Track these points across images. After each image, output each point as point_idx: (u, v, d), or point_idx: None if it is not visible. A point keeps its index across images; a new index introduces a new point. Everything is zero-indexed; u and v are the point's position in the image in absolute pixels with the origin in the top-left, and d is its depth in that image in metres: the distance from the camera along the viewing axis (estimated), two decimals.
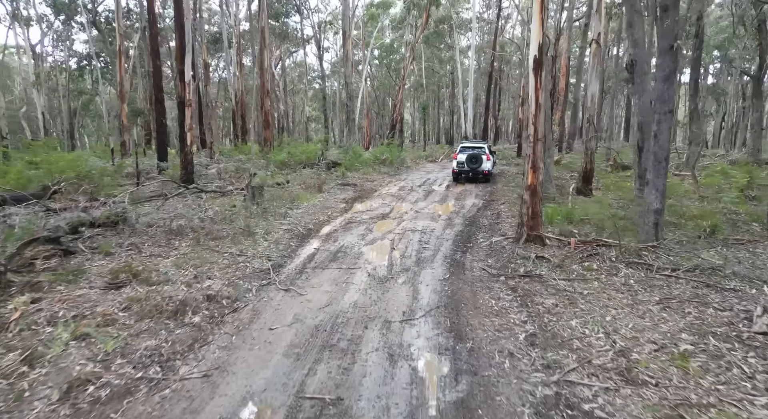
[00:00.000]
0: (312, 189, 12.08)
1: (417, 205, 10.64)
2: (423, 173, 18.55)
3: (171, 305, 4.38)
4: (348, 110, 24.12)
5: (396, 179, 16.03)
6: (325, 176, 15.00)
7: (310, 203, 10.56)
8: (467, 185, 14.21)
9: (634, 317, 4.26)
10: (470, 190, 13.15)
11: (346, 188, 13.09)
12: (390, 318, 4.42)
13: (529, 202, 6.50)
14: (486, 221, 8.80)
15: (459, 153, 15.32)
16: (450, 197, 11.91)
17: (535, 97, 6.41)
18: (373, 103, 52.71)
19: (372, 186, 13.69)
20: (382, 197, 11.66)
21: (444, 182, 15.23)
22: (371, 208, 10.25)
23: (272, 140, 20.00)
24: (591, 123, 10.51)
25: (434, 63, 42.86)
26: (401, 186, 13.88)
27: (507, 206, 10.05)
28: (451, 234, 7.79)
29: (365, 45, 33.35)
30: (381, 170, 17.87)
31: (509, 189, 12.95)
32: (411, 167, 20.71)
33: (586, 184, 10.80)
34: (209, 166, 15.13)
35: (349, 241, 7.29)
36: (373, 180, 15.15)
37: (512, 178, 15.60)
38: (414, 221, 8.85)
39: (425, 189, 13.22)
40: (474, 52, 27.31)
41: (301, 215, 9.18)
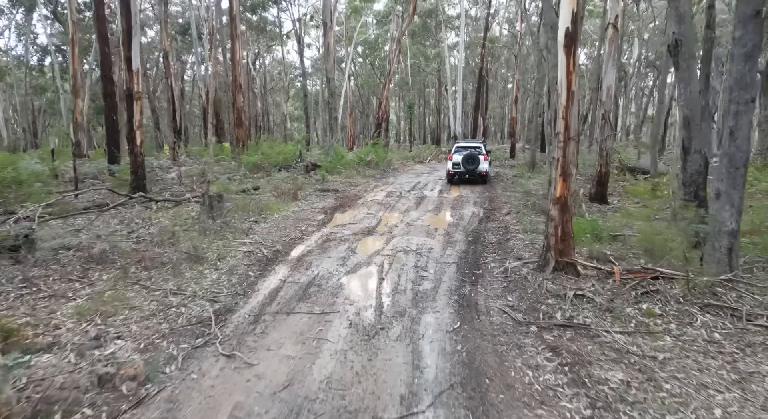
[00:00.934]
0: (286, 196, 10.44)
1: (408, 215, 9.10)
2: (412, 176, 17.04)
3: (26, 406, 2.72)
4: (330, 107, 22.47)
5: (382, 183, 14.47)
6: (303, 180, 13.35)
7: (282, 214, 8.92)
8: (462, 190, 12.76)
9: (755, 407, 2.80)
10: (467, 196, 11.68)
11: (326, 194, 11.47)
12: (381, 412, 2.86)
13: (557, 219, 5.01)
14: (493, 237, 7.31)
15: (454, 153, 14.07)
16: (445, 204, 10.41)
17: (566, 83, 4.93)
18: (357, 102, 51.11)
19: (356, 192, 12.10)
20: (367, 206, 10.09)
21: (436, 186, 13.74)
22: (355, 220, 8.67)
23: (246, 139, 18.24)
24: (606, 119, 9.14)
25: (420, 60, 41.49)
26: (389, 192, 12.33)
27: (514, 218, 8.59)
28: (454, 256, 6.27)
29: (348, 40, 31.72)
30: (366, 173, 16.29)
31: (511, 195, 11.52)
32: (398, 169, 19.18)
33: (600, 190, 9.43)
34: (170, 169, 13.33)
35: (326, 268, 5.71)
36: (357, 185, 13.56)
37: (511, 181, 14.21)
38: (406, 237, 7.30)
39: (416, 195, 11.69)
40: (463, 48, 25.97)
41: (269, 231, 7.54)
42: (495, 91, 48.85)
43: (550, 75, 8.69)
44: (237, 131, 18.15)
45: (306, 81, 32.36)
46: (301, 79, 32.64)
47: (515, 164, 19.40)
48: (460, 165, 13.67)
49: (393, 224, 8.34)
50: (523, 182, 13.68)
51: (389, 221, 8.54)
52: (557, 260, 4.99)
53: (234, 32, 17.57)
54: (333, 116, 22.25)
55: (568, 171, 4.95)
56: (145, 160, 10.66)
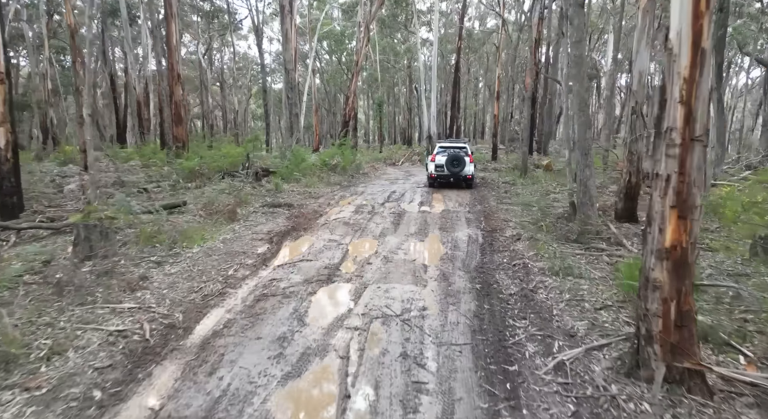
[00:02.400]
0: (220, 216, 7.80)
1: (385, 243, 6.70)
2: (385, 182, 14.66)
3: None
4: (290, 103, 19.79)
5: (350, 192, 12.01)
6: (251, 190, 10.71)
7: (207, 245, 6.32)
8: (448, 201, 10.48)
9: None
10: (455, 210, 9.40)
11: (277, 211, 8.89)
12: None
13: (667, 288, 2.72)
14: (510, 283, 5.00)
15: (437, 154, 12.65)
16: (431, 224, 8.08)
17: (691, 36, 2.59)
18: (324, 99, 48.40)
19: (316, 207, 9.57)
20: (330, 228, 7.61)
21: (416, 195, 11.42)
22: (311, 252, 6.19)
23: (187, 140, 15.30)
24: (638, 114, 7.07)
25: (389, 56, 39.25)
26: (358, 205, 9.88)
27: (527, 246, 6.34)
28: (462, 326, 3.92)
29: (312, 32, 29.02)
30: (330, 180, 13.77)
31: (509, 208, 9.34)
32: (368, 174, 16.76)
33: (629, 206, 7.35)
34: (72, 178, 10.35)
35: (248, 370, 3.21)
36: (319, 196, 11.03)
37: (503, 190, 12.07)
38: (384, 284, 4.90)
39: (393, 211, 9.30)
40: (437, 41, 23.84)
41: (174, 281, 4.94)
42: (467, 90, 47.37)
43: (571, 54, 6.52)
44: (176, 129, 15.19)
45: (266, 75, 29.35)
46: (262, 73, 29.58)
47: (500, 168, 17.38)
48: (443, 167, 12.30)
49: (365, 258, 5.91)
50: (518, 191, 11.58)
51: (359, 254, 6.11)
52: (670, 365, 2.70)
53: (169, 11, 14.63)
54: (293, 113, 19.62)
55: (689, 200, 2.66)
56: (41, 166, 7.76)
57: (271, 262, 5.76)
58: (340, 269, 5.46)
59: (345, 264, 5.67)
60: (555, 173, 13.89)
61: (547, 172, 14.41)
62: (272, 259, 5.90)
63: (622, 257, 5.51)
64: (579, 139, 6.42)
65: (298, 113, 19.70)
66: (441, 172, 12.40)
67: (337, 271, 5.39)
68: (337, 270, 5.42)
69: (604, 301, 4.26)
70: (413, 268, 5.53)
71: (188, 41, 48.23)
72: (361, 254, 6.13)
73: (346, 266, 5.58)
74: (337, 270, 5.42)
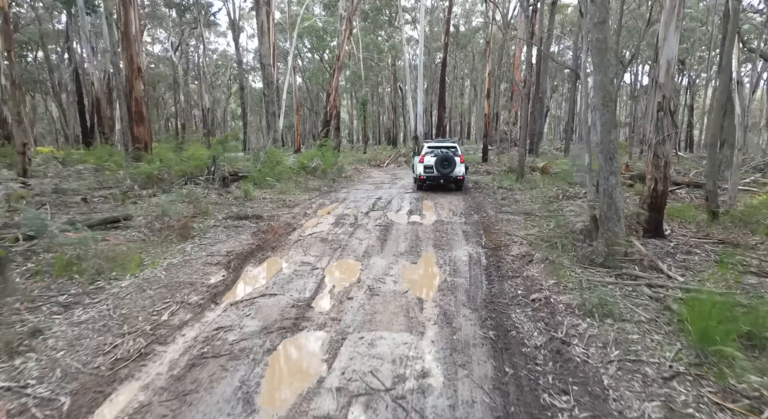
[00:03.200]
0: (170, 233, 6.46)
1: (370, 267, 5.48)
2: (369, 186, 13.44)
3: None
4: (266, 100, 18.49)
5: (331, 199, 10.75)
6: (216, 198, 9.37)
7: (143, 275, 4.98)
8: (440, 210, 9.32)
9: None
10: (450, 221, 8.23)
11: (243, 225, 7.57)
12: None
13: None
14: (535, 330, 3.82)
15: (426, 155, 11.97)
16: (424, 239, 6.89)
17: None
18: (306, 98, 46.96)
19: (290, 218, 8.28)
20: (303, 247, 6.35)
21: (404, 202, 10.24)
22: (276, 282, 4.92)
23: (149, 140, 13.78)
24: (666, 111, 6.02)
25: (373, 54, 38.06)
26: (339, 216, 8.64)
27: (544, 270, 5.19)
28: (479, 410, 2.73)
29: (291, 26, 27.59)
30: (309, 185, 12.47)
31: (511, 219, 8.22)
32: (351, 177, 15.51)
33: (655, 217, 6.29)
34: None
35: None
36: (294, 204, 9.73)
37: (501, 196, 10.94)
38: (368, 334, 3.68)
39: (379, 222, 8.08)
40: (423, 37, 22.70)
41: (81, 333, 3.62)
42: (452, 89, 46.53)
43: (591, 39, 5.40)
44: (136, 129, 13.64)
45: (243, 72, 27.76)
46: (239, 70, 27.99)
47: (493, 170, 16.31)
48: (432, 169, 11.65)
49: (344, 290, 4.69)
50: (517, 196, 10.49)
51: (338, 284, 4.87)
52: None
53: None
54: (270, 112, 18.32)
55: None
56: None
57: (224, 298, 4.47)
58: (311, 309, 4.22)
59: (318, 300, 4.43)
60: (553, 176, 12.88)
61: (544, 175, 13.39)
62: (226, 293, 4.62)
63: (666, 287, 4.41)
64: (602, 140, 5.32)
65: (275, 112, 18.34)
66: (430, 173, 11.73)
67: (307, 312, 4.14)
68: (307, 310, 4.18)
69: (670, 363, 3.11)
70: (406, 304, 4.32)
71: (165, 37, 46.18)
72: (340, 284, 4.90)
73: (320, 304, 4.34)
74: (307, 310, 4.18)
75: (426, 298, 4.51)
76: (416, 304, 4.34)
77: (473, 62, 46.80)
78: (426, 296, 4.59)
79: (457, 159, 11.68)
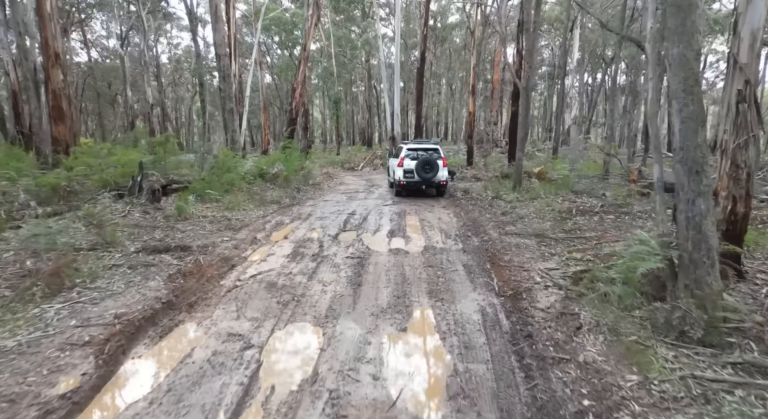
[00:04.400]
0: (33, 284, 4.27)
1: (334, 344, 3.50)
2: (341, 196, 11.44)
3: None
4: (223, 96, 16.21)
5: (292, 215, 8.68)
6: (138, 219, 7.17)
7: None
8: (428, 228, 7.42)
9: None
10: (444, 247, 6.31)
11: (159, 261, 5.39)
12: None
13: None
14: None
15: (405, 158, 10.90)
16: (413, 280, 4.95)
17: None
18: (276, 97, 44.44)
19: (230, 249, 6.15)
20: (239, 301, 4.30)
21: (383, 218, 8.29)
22: (171, 389, 2.87)
23: (71, 141, 11.31)
24: (750, 102, 4.31)
25: (346, 49, 35.99)
26: (299, 242, 6.59)
27: (606, 348, 3.34)
28: None
29: (256, 16, 25.20)
30: (267, 196, 10.33)
31: (522, 243, 6.38)
32: (321, 184, 13.45)
33: (732, 251, 4.54)
34: None
35: None
36: (241, 226, 7.58)
37: (501, 211, 9.06)
38: None
39: (352, 252, 6.08)
40: (399, 28, 20.84)
41: None
42: (428, 87, 44.98)
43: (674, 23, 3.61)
44: (55, 128, 11.18)
45: (201, 65, 25.13)
46: (198, 63, 25.41)
47: (482, 176, 14.55)
48: (413, 173, 10.69)
49: (288, 400, 2.69)
50: (518, 210, 8.69)
51: (279, 388, 2.86)
52: None
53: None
54: (228, 109, 16.06)
55: None
56: None
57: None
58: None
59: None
60: (553, 183, 11.21)
61: (542, 182, 11.72)
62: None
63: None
64: (682, 145, 3.54)
65: (233, 109, 16.06)
66: (411, 178, 10.74)
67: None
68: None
69: None
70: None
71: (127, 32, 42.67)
72: (285, 385, 2.91)
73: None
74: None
75: (427, 417, 2.59)
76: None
77: (450, 60, 45.42)
78: (426, 409, 2.66)
79: (440, 162, 10.71)
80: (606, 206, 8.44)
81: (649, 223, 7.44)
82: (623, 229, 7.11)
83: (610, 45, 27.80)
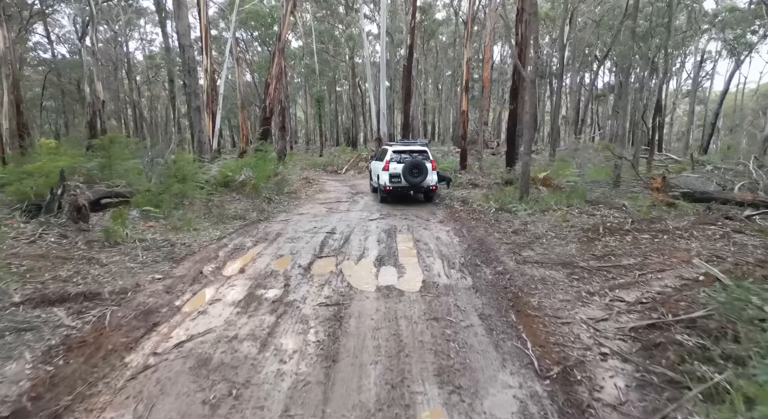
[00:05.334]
0: None
1: None
2: (320, 207, 9.86)
3: None
4: (188, 92, 14.47)
5: (255, 236, 7.05)
6: (53, 245, 5.49)
7: None
8: (426, 253, 5.91)
9: None
10: (448, 284, 4.79)
11: (45, 320, 3.76)
12: None
13: None
14: None
15: (391, 162, 10.00)
16: (413, 349, 3.41)
17: None
18: (255, 95, 42.45)
19: (157, 295, 4.50)
20: (139, 403, 2.71)
21: (368, 240, 6.73)
22: None
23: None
24: None
25: (329, 46, 34.36)
26: (257, 278, 4.98)
27: None
28: None
29: (231, 5, 23.39)
30: (228, 211, 8.63)
31: (539, 272, 4.90)
32: (298, 191, 11.85)
33: None
34: None
35: None
36: (186, 255, 5.91)
37: (500, 222, 7.61)
38: None
39: (327, 296, 4.49)
40: (385, 16, 19.35)
41: None
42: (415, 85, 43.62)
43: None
44: None
45: (170, 60, 23.17)
46: (166, 58, 23.45)
47: (479, 182, 13.09)
48: (400, 178, 9.89)
49: None
50: (533, 228, 7.21)
51: None
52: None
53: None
54: (194, 107, 14.34)
55: None
56: None
57: None
58: None
59: None
60: (563, 192, 9.82)
61: (548, 189, 10.33)
62: None
63: None
64: None
65: (200, 107, 14.32)
66: (397, 183, 9.93)
67: None
68: None
69: None
70: None
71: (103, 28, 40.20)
72: None
73: None
74: None
75: None
76: None
77: (436, 59, 44.12)
78: None
79: (429, 165, 9.97)
80: (636, 221, 7.06)
81: (694, 244, 6.10)
82: (666, 253, 5.74)
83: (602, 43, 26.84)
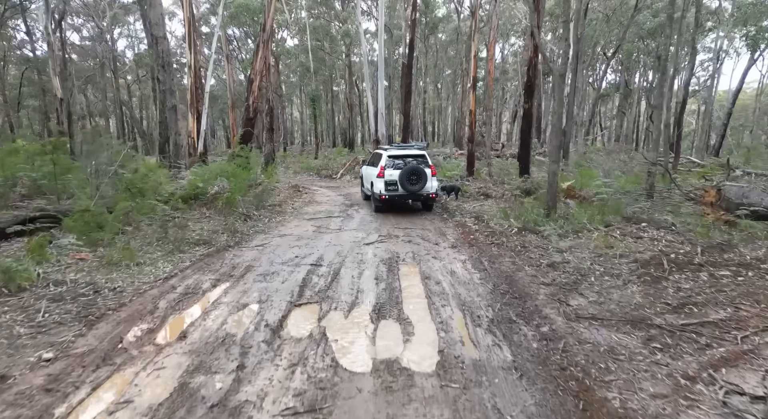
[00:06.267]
0: None
1: None
2: (306, 225, 8.33)
3: None
4: (163, 90, 13.04)
5: (215, 273, 5.49)
6: None
7: None
8: (439, 298, 4.40)
9: None
10: (483, 365, 3.27)
11: None
12: None
13: None
14: None
15: (387, 168, 9.33)
16: None
17: None
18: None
19: (33, 393, 2.98)
20: None
21: (363, 276, 5.20)
22: None
23: None
24: None
25: (324, 43, 32.86)
26: (201, 351, 3.42)
27: None
28: None
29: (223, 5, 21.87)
30: (190, 233, 7.07)
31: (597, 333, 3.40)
32: (283, 204, 10.30)
33: None
34: None
35: None
36: (111, 308, 4.35)
37: (527, 248, 6.09)
38: None
39: (295, 391, 3.00)
40: (383, 15, 17.87)
41: None
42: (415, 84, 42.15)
43: None
44: None
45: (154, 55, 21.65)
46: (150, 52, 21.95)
47: (491, 191, 11.53)
48: (396, 185, 9.23)
49: None
50: (572, 259, 5.70)
51: None
52: None
53: None
54: (169, 106, 12.88)
55: None
56: None
57: None
58: None
59: None
60: (593, 205, 8.32)
61: (577, 202, 8.83)
62: None
63: None
64: None
65: (175, 106, 12.80)
66: (394, 191, 9.28)
67: None
68: None
69: None
70: None
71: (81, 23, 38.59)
72: None
73: None
74: None
75: None
76: None
77: (436, 57, 42.65)
78: None
79: (428, 171, 9.28)
80: (705, 249, 5.58)
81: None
82: (762, 300, 4.28)
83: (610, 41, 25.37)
